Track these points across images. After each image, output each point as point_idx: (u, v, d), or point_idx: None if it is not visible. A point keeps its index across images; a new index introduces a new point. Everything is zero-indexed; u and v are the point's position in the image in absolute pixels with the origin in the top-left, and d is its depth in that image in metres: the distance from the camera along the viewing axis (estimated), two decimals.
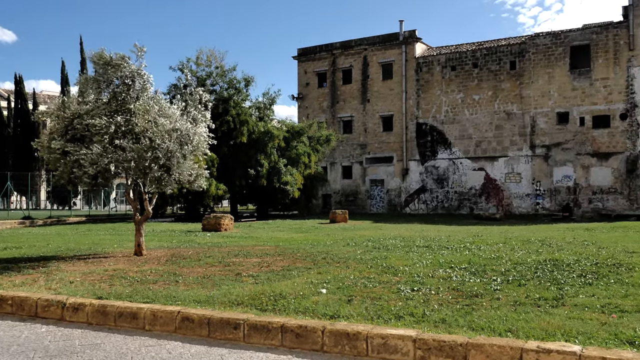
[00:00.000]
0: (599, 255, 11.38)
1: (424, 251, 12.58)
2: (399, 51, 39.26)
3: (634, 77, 31.71)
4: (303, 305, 7.02)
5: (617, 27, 32.50)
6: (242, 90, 34.19)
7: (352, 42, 41.55)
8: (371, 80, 40.41)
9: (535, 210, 34.11)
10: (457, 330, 5.87)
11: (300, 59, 43.66)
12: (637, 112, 31.54)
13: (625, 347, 5.29)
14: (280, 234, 19.34)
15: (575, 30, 33.77)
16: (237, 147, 33.27)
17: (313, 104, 42.84)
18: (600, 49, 32.76)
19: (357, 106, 40.90)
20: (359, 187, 40.65)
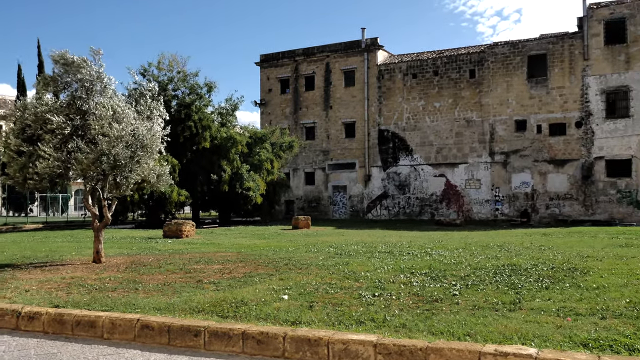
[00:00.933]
0: (555, 260, 11.65)
1: (385, 257, 12.67)
2: (361, 58, 39.58)
3: (588, 86, 32.63)
4: (264, 311, 7.00)
5: (572, 37, 33.41)
6: (205, 95, 33.95)
7: (315, 49, 41.71)
8: (334, 87, 40.62)
9: (495, 216, 34.73)
10: (418, 334, 5.93)
11: (263, 65, 43.60)
12: (592, 120, 32.44)
13: (579, 349, 5.42)
14: (242, 241, 19.23)
15: (533, 40, 34.59)
16: (199, 153, 33.01)
17: (276, 110, 42.81)
18: (556, 58, 33.62)
19: (320, 113, 41.04)
20: (321, 193, 40.74)
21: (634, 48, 31.57)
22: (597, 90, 32.36)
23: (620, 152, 31.66)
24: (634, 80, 31.42)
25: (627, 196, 31.33)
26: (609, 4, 32.51)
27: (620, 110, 32.01)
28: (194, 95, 33.37)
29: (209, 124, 32.98)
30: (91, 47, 11.36)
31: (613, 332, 5.90)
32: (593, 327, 6.15)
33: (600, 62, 32.41)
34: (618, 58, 31.95)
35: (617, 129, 31.77)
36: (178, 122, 31.97)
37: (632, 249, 13.68)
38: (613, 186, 31.78)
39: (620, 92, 31.96)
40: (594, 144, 32.35)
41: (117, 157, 11.00)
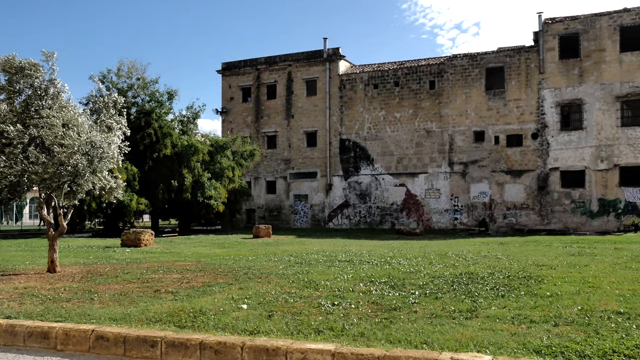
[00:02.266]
0: (512, 268, 11.88)
1: (345, 266, 12.72)
2: (323, 68, 39.79)
3: (544, 98, 33.48)
4: (223, 321, 6.95)
5: (528, 51, 34.27)
6: (165, 103, 33.62)
7: (277, 57, 41.75)
8: (295, 96, 40.69)
9: (454, 225, 35.22)
10: (375, 343, 5.97)
11: (225, 73, 43.41)
12: (547, 132, 33.27)
13: (532, 356, 5.54)
14: (202, 250, 19.05)
15: (491, 52, 35.34)
16: (159, 161, 32.63)
17: (237, 119, 42.63)
18: (513, 71, 34.41)
19: (282, 121, 41.04)
20: (283, 202, 40.68)
21: (587, 62, 32.55)
22: (552, 103, 33.23)
23: (575, 164, 32.53)
24: (587, 94, 32.39)
25: (581, 206, 32.19)
26: (563, 20, 33.49)
27: (574, 122, 32.93)
28: (154, 103, 33.03)
29: (170, 131, 32.67)
30: (43, 51, 11.10)
31: (565, 339, 6.05)
32: (546, 334, 6.29)
33: (555, 76, 33.31)
34: (572, 72, 32.89)
35: (571, 141, 32.65)
36: (138, 129, 31.59)
37: (584, 258, 14.05)
38: (567, 196, 32.61)
39: (574, 105, 32.89)
40: (549, 155, 33.16)
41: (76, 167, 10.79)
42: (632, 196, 31.10)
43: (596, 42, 32.40)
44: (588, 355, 5.50)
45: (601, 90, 32.10)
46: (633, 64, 31.48)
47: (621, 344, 5.83)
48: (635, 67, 31.43)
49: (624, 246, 18.22)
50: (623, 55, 31.75)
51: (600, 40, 32.32)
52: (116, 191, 12.31)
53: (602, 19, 32.45)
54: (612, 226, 31.13)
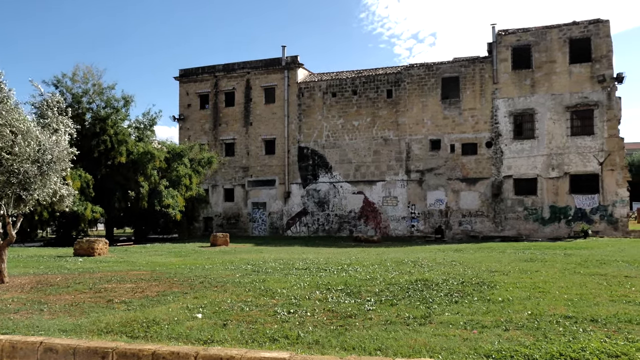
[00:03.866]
0: (465, 274, 12.08)
1: (302, 273, 12.72)
2: (282, 76, 39.81)
3: (497, 108, 34.23)
4: (177, 331, 6.88)
5: (482, 61, 35.00)
6: (121, 109, 33.06)
7: (235, 65, 41.58)
8: (254, 104, 40.58)
9: (411, 232, 35.59)
10: (330, 350, 6.00)
11: (182, 80, 42.99)
12: (501, 141, 34.00)
13: None
14: (157, 258, 18.77)
15: (446, 62, 35.96)
16: (115, 168, 32.05)
17: (195, 126, 42.25)
18: (468, 81, 35.09)
19: (240, 129, 40.85)
20: (241, 210, 40.42)
21: (538, 73, 33.44)
22: (505, 113, 33.99)
23: (527, 172, 33.31)
24: (539, 104, 33.25)
25: (533, 213, 32.97)
26: (515, 31, 34.34)
27: (527, 131, 33.74)
28: (109, 109, 32.45)
29: (125, 138, 32.15)
30: None
31: (515, 343, 6.19)
32: (497, 338, 6.43)
33: (508, 86, 34.10)
34: (524, 82, 33.73)
35: (524, 150, 33.45)
36: (93, 136, 31.00)
37: (535, 264, 14.39)
38: (520, 204, 33.36)
39: (527, 115, 33.71)
40: (503, 164, 33.88)
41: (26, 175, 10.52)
42: (581, 203, 32.03)
43: (547, 54, 33.33)
44: (536, 359, 5.65)
45: (552, 101, 33.01)
46: (582, 75, 32.48)
47: (568, 347, 6.01)
48: (583, 78, 32.44)
49: (573, 252, 18.73)
50: (572, 67, 32.74)
51: (550, 51, 33.27)
52: (67, 199, 12.04)
53: (552, 32, 33.41)
54: (563, 232, 31.97)
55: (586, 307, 8.17)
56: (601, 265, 13.71)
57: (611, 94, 31.84)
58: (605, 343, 6.11)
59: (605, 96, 31.92)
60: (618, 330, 6.78)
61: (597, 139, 31.94)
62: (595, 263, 14.18)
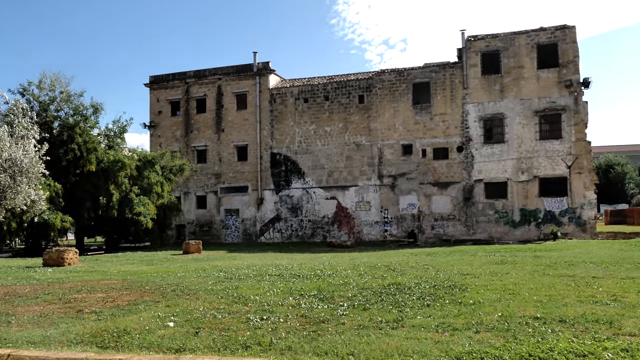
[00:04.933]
0: (437, 278, 12.19)
1: (275, 280, 12.70)
2: (253, 82, 39.74)
3: (468, 113, 34.64)
4: (148, 340, 6.81)
5: (453, 67, 35.42)
6: (90, 117, 32.60)
7: (206, 71, 41.38)
8: (225, 110, 40.42)
9: (384, 237, 35.76)
10: (303, 356, 6.01)
11: (153, 87, 42.62)
12: (472, 145, 34.41)
13: None
14: (129, 267, 18.55)
15: (417, 68, 36.30)
16: (85, 176, 31.57)
17: (166, 133, 41.91)
18: (438, 86, 35.46)
19: (212, 135, 40.64)
20: (213, 217, 40.17)
21: (507, 78, 33.96)
22: (475, 117, 34.43)
23: (497, 175, 33.77)
24: (508, 108, 33.76)
25: (504, 216, 33.41)
26: (485, 37, 34.84)
27: (497, 136, 34.21)
28: (78, 117, 31.96)
29: (95, 146, 31.70)
30: None
31: (485, 345, 6.27)
32: (468, 341, 6.51)
33: (478, 91, 34.56)
34: (494, 87, 34.22)
35: (494, 154, 33.90)
36: (61, 144, 30.50)
37: (506, 266, 14.59)
38: (491, 207, 33.77)
39: (496, 119, 34.19)
40: (474, 168, 34.28)
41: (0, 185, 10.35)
42: (550, 206, 32.56)
43: (515, 59, 33.88)
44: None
45: (521, 105, 33.53)
46: (549, 80, 33.08)
47: (537, 347, 6.10)
48: (551, 83, 33.04)
49: (543, 254, 19.03)
50: (540, 72, 33.32)
51: (519, 57, 33.82)
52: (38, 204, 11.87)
53: (520, 37, 33.98)
54: (532, 235, 32.45)
55: (555, 308, 8.31)
56: (569, 266, 13.95)
57: (578, 98, 32.48)
58: (573, 343, 6.23)
59: (572, 101, 32.55)
60: (585, 330, 6.91)
61: (565, 143, 32.54)
62: (564, 265, 14.43)
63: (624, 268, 13.11)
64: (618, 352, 5.88)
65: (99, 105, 33.09)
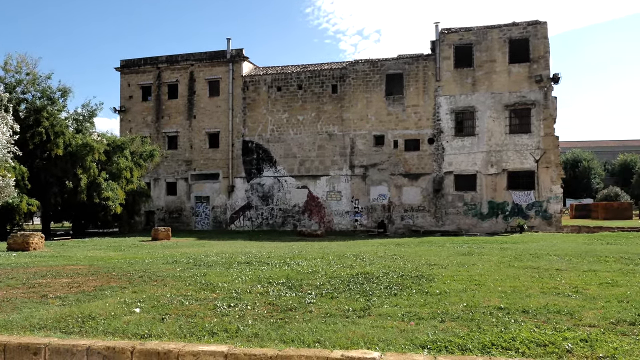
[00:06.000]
0: (405, 268, 12.31)
1: (244, 267, 12.68)
2: (226, 69, 39.42)
3: (440, 105, 34.92)
4: (113, 325, 6.75)
5: (426, 59, 35.62)
6: (58, 100, 31.96)
7: (179, 56, 40.89)
8: (198, 97, 40.04)
9: (354, 226, 35.95)
10: (269, 343, 6.02)
11: (124, 71, 41.97)
12: (443, 138, 34.72)
13: (418, 351, 5.79)
14: (96, 253, 18.33)
15: (391, 59, 36.41)
16: (52, 160, 30.97)
17: (137, 118, 41.36)
18: (411, 78, 35.64)
19: (183, 122, 40.25)
20: (183, 203, 39.87)
21: (479, 72, 34.30)
22: (447, 110, 34.72)
23: (467, 168, 34.16)
24: (479, 102, 34.12)
25: (473, 208, 33.85)
26: (458, 30, 35.09)
27: (467, 129, 34.58)
28: (46, 100, 31.31)
29: (63, 130, 31.09)
30: None
31: (450, 334, 6.37)
32: (433, 330, 6.59)
33: (450, 84, 34.84)
34: (466, 81, 34.53)
35: (464, 146, 34.26)
36: (27, 127, 29.84)
37: (473, 257, 14.80)
38: (460, 199, 34.18)
39: (467, 112, 34.54)
40: (444, 160, 34.62)
41: None
42: (518, 199, 33.08)
43: (488, 53, 34.21)
44: (469, 349, 5.83)
45: (492, 99, 33.92)
46: (520, 75, 33.51)
47: (500, 337, 6.22)
48: (522, 78, 33.47)
49: (509, 246, 19.35)
50: (512, 67, 33.72)
51: (491, 51, 34.16)
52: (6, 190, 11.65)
53: (493, 32, 34.31)
54: (500, 227, 32.96)
55: (518, 298, 8.46)
56: (534, 258, 14.21)
57: (547, 93, 32.98)
58: (535, 333, 6.36)
59: (542, 96, 33.04)
60: (547, 320, 7.06)
61: (534, 137, 33.04)
62: (529, 257, 14.69)
63: (586, 261, 13.40)
64: (577, 342, 6.02)
65: (68, 88, 32.49)
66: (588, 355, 5.62)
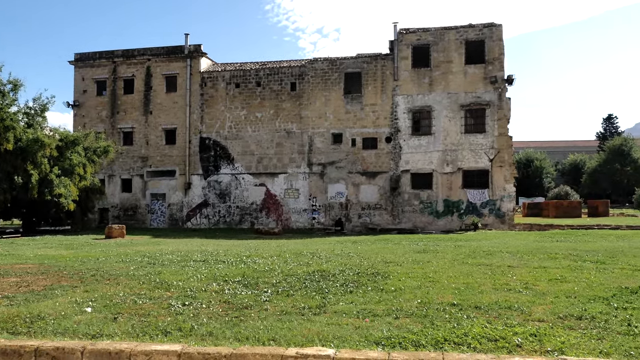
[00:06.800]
0: (361, 265, 12.39)
1: (200, 265, 12.56)
2: (184, 64, 38.92)
3: (397, 104, 35.26)
4: (63, 325, 6.60)
5: (384, 58, 35.90)
6: (9, 94, 30.99)
7: (135, 51, 40.18)
8: (154, 92, 39.42)
9: (312, 224, 35.99)
10: (224, 342, 5.98)
11: (78, 65, 40.99)
12: (400, 136, 35.07)
13: (373, 347, 5.84)
14: (47, 251, 17.87)
15: (350, 58, 36.56)
16: (1, 155, 29.99)
17: (91, 113, 40.46)
18: (370, 77, 35.88)
19: (139, 117, 39.56)
20: (139, 201, 39.21)
21: (436, 72, 34.77)
22: (404, 109, 35.08)
23: (424, 166, 34.60)
24: (436, 102, 34.59)
25: (429, 206, 34.31)
26: (416, 31, 35.50)
27: (424, 128, 35.01)
28: None
29: (13, 124, 30.18)
30: None
31: (404, 330, 6.45)
32: (387, 326, 6.66)
33: (408, 83, 35.21)
34: (423, 80, 34.96)
35: (421, 145, 34.69)
36: None
37: (428, 255, 15.01)
38: (417, 197, 34.59)
39: (424, 112, 34.97)
40: (401, 158, 34.98)
41: None
42: (472, 197, 33.69)
43: (445, 54, 34.70)
44: (422, 344, 5.91)
45: (448, 99, 34.43)
46: (476, 76, 34.11)
47: (452, 332, 6.33)
48: (477, 79, 34.07)
49: (463, 243, 19.69)
50: (467, 67, 34.29)
51: (448, 52, 34.66)
52: None
53: (450, 33, 34.82)
54: (455, 225, 33.50)
55: (471, 295, 8.63)
56: (487, 256, 14.50)
57: (502, 94, 33.66)
58: (486, 328, 6.49)
59: (496, 96, 33.70)
60: (498, 316, 7.21)
61: (488, 137, 33.68)
62: (482, 254, 14.98)
63: (537, 258, 13.74)
64: (527, 336, 6.17)
65: (19, 81, 31.53)
66: (537, 349, 5.76)
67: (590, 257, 13.58)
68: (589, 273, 10.83)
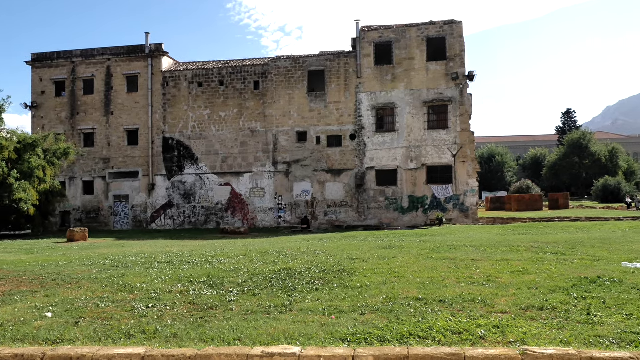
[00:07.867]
0: (328, 262, 12.40)
1: (164, 267, 12.41)
2: (145, 64, 38.38)
3: (361, 102, 35.42)
4: (22, 331, 6.45)
5: (347, 56, 36.02)
6: None
7: (95, 50, 39.47)
8: (115, 92, 38.78)
9: (278, 223, 35.92)
10: (188, 343, 5.93)
11: (35, 65, 40.08)
12: (364, 134, 35.24)
13: (339, 344, 5.86)
14: (5, 256, 17.42)
15: (313, 56, 36.57)
16: None
17: (50, 114, 39.60)
18: (333, 75, 35.96)
19: (100, 118, 38.88)
20: (101, 203, 38.55)
21: (398, 69, 35.04)
22: (368, 106, 35.27)
23: (388, 163, 34.85)
24: (399, 99, 34.87)
25: (394, 203, 34.58)
26: (378, 28, 35.70)
27: (388, 125, 35.27)
28: None
29: None
30: None
31: (369, 326, 6.48)
32: (353, 322, 6.69)
33: (371, 81, 35.41)
34: (386, 77, 35.20)
35: (385, 142, 34.93)
36: None
37: (393, 250, 15.11)
38: (382, 194, 34.84)
39: (388, 109, 35.23)
40: (366, 155, 35.17)
41: None
42: (437, 193, 34.08)
43: (407, 51, 35.00)
44: (388, 339, 5.95)
45: (411, 96, 34.74)
46: (438, 73, 34.49)
47: (417, 327, 6.39)
48: (439, 75, 34.46)
49: (428, 239, 19.90)
50: (429, 64, 34.66)
51: (410, 49, 34.97)
52: None
53: (411, 30, 35.12)
54: (420, 221, 33.84)
55: (436, 289, 8.72)
56: (451, 250, 14.67)
57: (463, 91, 34.12)
58: (450, 321, 6.57)
59: (458, 93, 34.14)
60: (462, 309, 7.31)
61: (451, 133, 34.11)
62: (447, 248, 15.15)
63: (500, 251, 13.96)
64: (490, 328, 6.27)
65: None
66: (500, 341, 5.86)
67: (551, 249, 13.86)
68: (549, 264, 11.05)
